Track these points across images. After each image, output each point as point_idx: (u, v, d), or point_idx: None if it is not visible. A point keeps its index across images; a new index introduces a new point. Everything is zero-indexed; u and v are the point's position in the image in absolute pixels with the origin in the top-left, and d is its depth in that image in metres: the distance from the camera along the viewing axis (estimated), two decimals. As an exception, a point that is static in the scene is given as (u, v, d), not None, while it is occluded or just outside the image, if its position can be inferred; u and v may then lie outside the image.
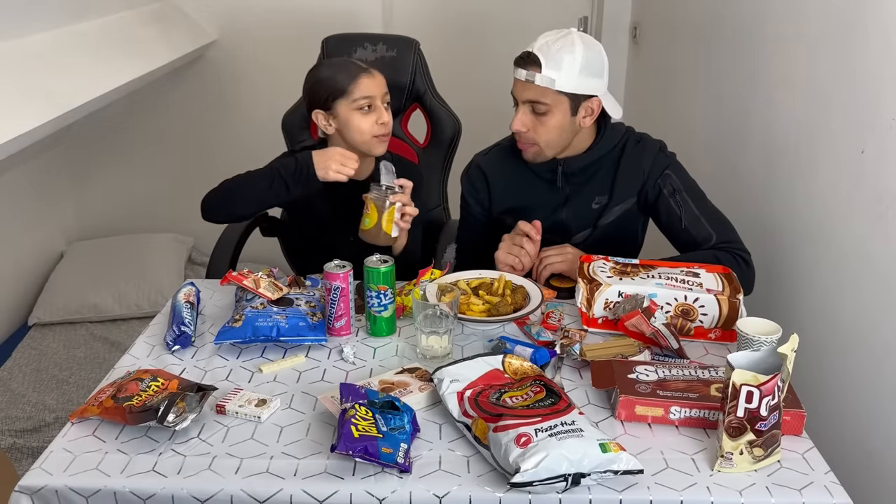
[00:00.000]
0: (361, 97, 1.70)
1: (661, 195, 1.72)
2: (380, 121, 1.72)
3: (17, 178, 2.78)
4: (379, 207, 1.60)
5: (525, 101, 1.65)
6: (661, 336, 1.41)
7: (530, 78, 1.62)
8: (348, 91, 1.70)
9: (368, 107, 1.72)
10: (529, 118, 1.66)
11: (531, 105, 1.65)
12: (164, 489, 1.12)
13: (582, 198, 1.76)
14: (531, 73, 1.62)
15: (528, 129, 1.67)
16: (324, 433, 1.23)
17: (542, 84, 1.61)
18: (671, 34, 2.81)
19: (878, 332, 1.52)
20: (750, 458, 1.13)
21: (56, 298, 2.79)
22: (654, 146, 1.77)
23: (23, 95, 1.94)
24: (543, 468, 1.06)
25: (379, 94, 1.72)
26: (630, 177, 1.74)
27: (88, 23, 2.45)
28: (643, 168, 1.74)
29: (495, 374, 1.31)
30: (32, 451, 2.15)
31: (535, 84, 1.62)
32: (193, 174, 3.33)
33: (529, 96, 1.64)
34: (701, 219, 1.70)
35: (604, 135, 1.74)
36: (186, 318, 1.52)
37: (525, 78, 1.63)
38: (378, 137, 1.74)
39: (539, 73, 1.61)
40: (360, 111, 1.72)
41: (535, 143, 1.69)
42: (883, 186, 1.49)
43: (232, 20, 3.17)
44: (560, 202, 1.77)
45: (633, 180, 1.74)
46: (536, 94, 1.63)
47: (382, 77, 1.75)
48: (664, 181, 1.72)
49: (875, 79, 1.52)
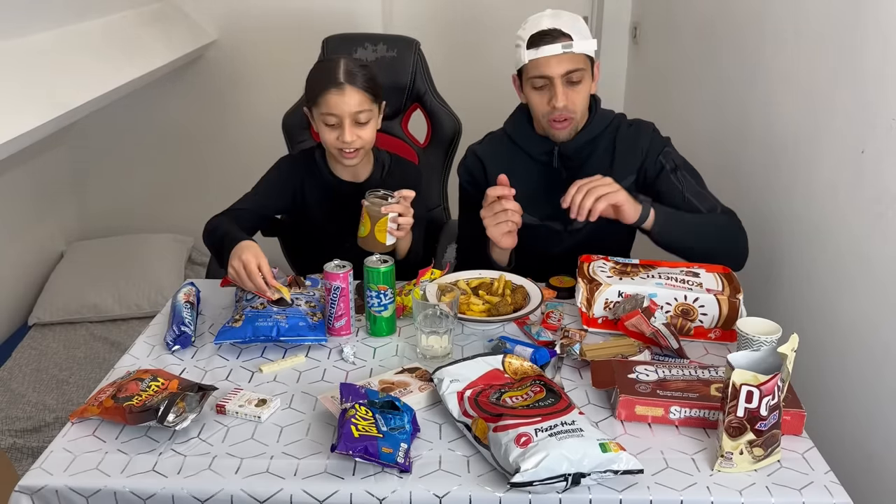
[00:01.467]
0: (327, 112, 1.67)
1: (662, 171, 1.73)
2: (340, 138, 1.68)
3: (17, 178, 2.78)
4: (372, 216, 1.59)
5: (563, 73, 1.65)
6: (661, 336, 1.41)
7: (567, 49, 1.62)
8: (317, 102, 1.69)
9: (333, 123, 1.69)
10: (568, 91, 1.67)
11: (566, 77, 1.65)
12: (164, 489, 1.12)
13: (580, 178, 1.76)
14: (568, 44, 1.62)
15: (569, 102, 1.67)
16: (324, 433, 1.23)
17: (578, 51, 1.63)
18: (671, 34, 2.81)
19: (877, 331, 1.52)
20: (750, 458, 1.13)
21: (56, 298, 2.79)
22: (649, 126, 1.79)
23: (24, 95, 1.94)
24: (543, 468, 1.06)
25: (347, 113, 1.66)
26: (628, 155, 1.75)
27: (89, 22, 2.45)
28: (641, 147, 1.75)
29: (495, 374, 1.31)
30: (32, 451, 2.15)
31: (573, 53, 1.63)
32: (193, 174, 3.35)
33: (568, 67, 1.64)
34: (703, 193, 1.73)
35: (596, 112, 1.76)
36: (186, 318, 1.52)
37: (563, 50, 1.62)
38: (341, 152, 1.71)
39: (573, 41, 1.62)
40: (326, 125, 1.70)
41: (573, 115, 1.69)
42: (883, 186, 1.49)
43: (232, 20, 3.17)
44: (559, 186, 1.77)
45: (632, 158, 1.75)
46: (574, 62, 1.64)
47: (360, 94, 1.67)
48: (665, 158, 1.73)
49: (875, 79, 1.52)
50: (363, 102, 1.68)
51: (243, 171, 1.81)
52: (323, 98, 1.67)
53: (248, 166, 1.82)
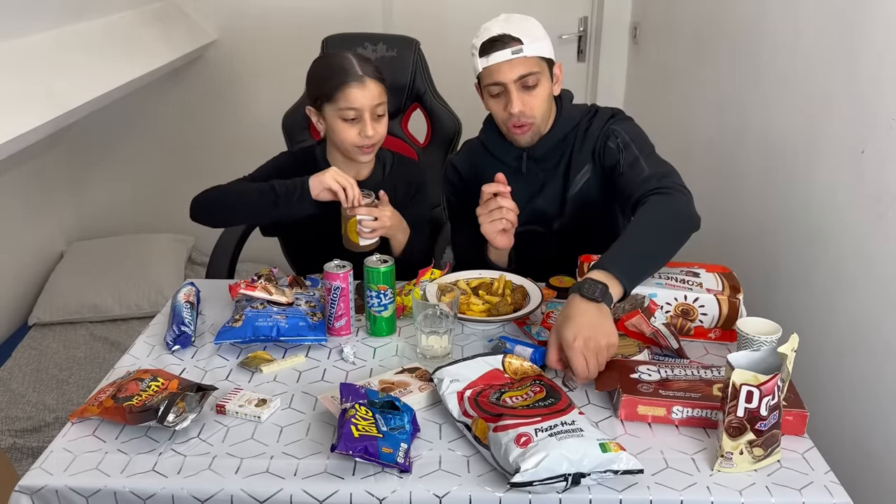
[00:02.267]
0: (347, 107, 1.66)
1: (605, 147, 1.69)
2: (363, 133, 1.67)
3: (17, 178, 2.78)
4: (343, 217, 1.63)
5: (516, 79, 1.63)
6: (661, 336, 1.41)
7: (517, 53, 1.61)
8: (334, 98, 1.66)
9: (354, 118, 1.67)
10: (524, 96, 1.65)
11: (521, 82, 1.63)
12: (164, 489, 1.12)
13: (555, 183, 1.76)
14: (517, 49, 1.61)
15: (526, 107, 1.65)
16: (324, 433, 1.23)
17: (530, 54, 1.61)
18: (671, 34, 2.81)
19: (877, 331, 1.52)
20: (750, 458, 1.13)
21: (56, 298, 2.79)
22: (607, 112, 1.75)
23: (23, 95, 1.94)
24: (543, 468, 1.06)
25: (368, 107, 1.66)
26: (584, 144, 1.73)
27: (89, 22, 2.45)
28: (593, 132, 1.72)
29: (495, 373, 1.31)
30: (32, 451, 2.15)
31: (524, 57, 1.61)
32: (193, 174, 3.33)
33: (520, 71, 1.62)
34: (640, 159, 1.63)
35: (562, 113, 1.74)
36: (186, 318, 1.52)
37: (512, 55, 1.61)
38: (360, 148, 1.70)
39: (523, 45, 1.61)
40: (345, 120, 1.68)
41: (531, 120, 1.67)
42: (883, 186, 1.49)
43: (232, 20, 3.17)
44: (535, 190, 1.76)
45: (586, 145, 1.72)
46: (527, 66, 1.62)
47: (378, 86, 1.68)
48: (608, 132, 1.70)
49: (875, 79, 1.52)
50: (381, 94, 1.69)
51: (243, 171, 1.81)
52: (342, 93, 1.65)
53: (249, 166, 1.82)
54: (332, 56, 1.75)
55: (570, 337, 1.27)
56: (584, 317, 1.29)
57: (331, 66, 1.70)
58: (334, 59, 1.72)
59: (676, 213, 1.49)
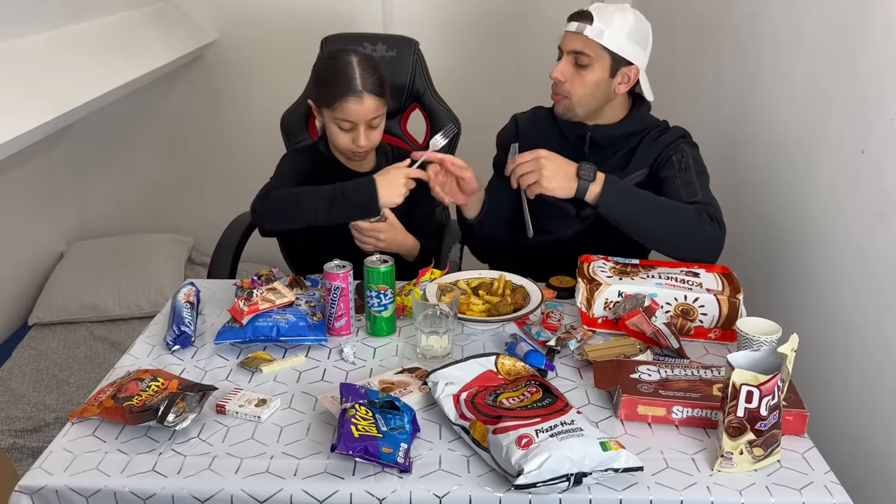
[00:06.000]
0: (342, 119, 1.69)
1: (669, 161, 1.73)
2: (356, 142, 1.72)
3: (17, 178, 2.78)
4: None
5: (570, 51, 1.68)
6: (661, 335, 1.41)
7: (580, 29, 1.66)
8: (332, 106, 1.69)
9: (349, 129, 1.71)
10: (570, 69, 1.69)
11: (575, 56, 1.68)
12: (164, 489, 1.12)
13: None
14: (581, 25, 1.66)
15: (567, 80, 1.70)
16: (324, 433, 1.23)
17: (590, 35, 1.65)
18: (671, 34, 2.81)
19: (877, 331, 1.52)
20: (750, 458, 1.13)
21: (56, 298, 2.79)
22: (680, 131, 1.80)
23: (23, 95, 1.94)
24: (547, 469, 1.06)
25: (363, 120, 1.69)
26: (648, 149, 1.76)
27: (89, 23, 2.45)
28: (662, 142, 1.76)
29: (489, 375, 1.30)
30: (32, 451, 2.15)
31: (583, 35, 1.65)
32: (193, 174, 3.34)
33: (575, 46, 1.67)
34: (695, 184, 1.69)
35: (635, 112, 1.77)
36: (186, 318, 1.52)
37: (575, 29, 1.66)
38: (353, 153, 1.76)
39: (589, 25, 1.65)
40: (340, 128, 1.72)
41: (568, 95, 1.71)
42: (883, 186, 1.49)
43: (232, 20, 3.17)
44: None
45: (650, 151, 1.76)
46: (582, 44, 1.66)
47: (376, 100, 1.70)
48: (675, 149, 1.74)
49: (875, 79, 1.52)
50: (378, 108, 1.71)
51: (243, 171, 1.82)
52: (339, 104, 1.68)
53: (248, 166, 1.83)
54: (338, 60, 1.72)
55: (543, 152, 1.56)
56: (562, 159, 1.58)
57: (334, 73, 1.70)
58: (338, 65, 1.71)
59: (698, 225, 1.58)
